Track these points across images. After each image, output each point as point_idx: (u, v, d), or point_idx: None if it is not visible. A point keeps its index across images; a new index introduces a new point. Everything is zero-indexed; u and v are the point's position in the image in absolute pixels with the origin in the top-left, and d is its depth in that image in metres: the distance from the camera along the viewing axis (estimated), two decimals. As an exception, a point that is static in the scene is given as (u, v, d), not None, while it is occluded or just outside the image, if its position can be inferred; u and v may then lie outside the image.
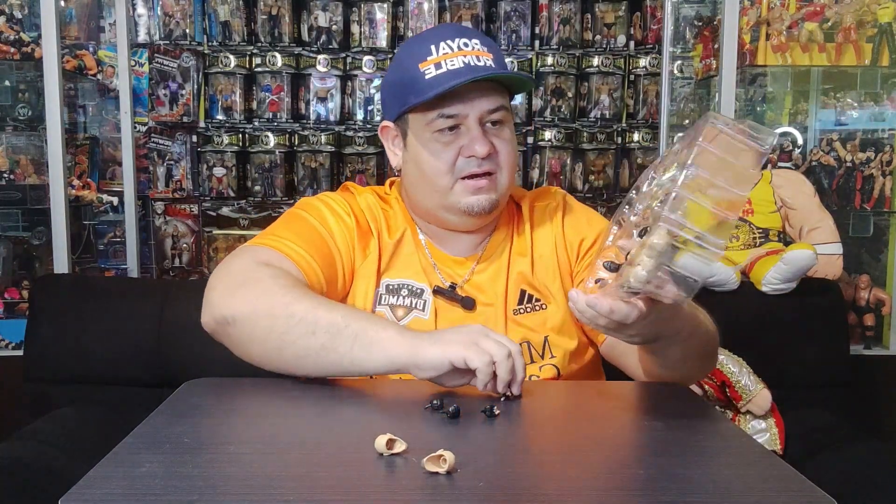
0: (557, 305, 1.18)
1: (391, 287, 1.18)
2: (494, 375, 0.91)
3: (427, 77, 1.10)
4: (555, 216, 1.23)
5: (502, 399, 0.92)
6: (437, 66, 1.10)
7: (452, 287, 1.17)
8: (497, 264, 1.20)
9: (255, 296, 1.01)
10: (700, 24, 2.58)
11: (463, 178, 1.13)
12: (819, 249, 1.86)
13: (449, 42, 1.11)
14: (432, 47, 1.11)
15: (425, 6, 2.72)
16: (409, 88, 1.12)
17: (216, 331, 1.05)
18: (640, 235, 0.80)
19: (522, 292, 1.19)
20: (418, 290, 1.17)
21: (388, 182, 1.29)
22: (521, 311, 1.17)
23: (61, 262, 2.09)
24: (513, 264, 1.20)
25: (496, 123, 1.13)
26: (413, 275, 1.18)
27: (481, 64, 1.10)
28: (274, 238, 1.13)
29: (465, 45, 1.11)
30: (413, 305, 1.17)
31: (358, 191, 1.25)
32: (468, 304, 1.16)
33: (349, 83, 2.76)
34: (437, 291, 1.16)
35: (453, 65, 1.09)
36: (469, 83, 1.08)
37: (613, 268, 0.84)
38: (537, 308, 1.18)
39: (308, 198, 1.23)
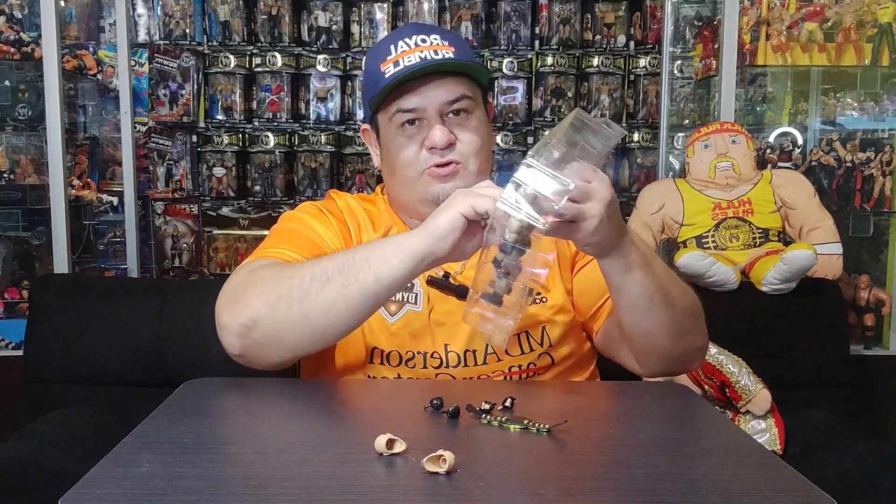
0: (556, 296, 1.18)
1: None
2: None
3: (386, 76, 1.12)
4: None
5: (506, 401, 0.92)
6: (396, 63, 1.12)
7: (446, 276, 1.15)
8: None
9: (259, 290, 1.00)
10: (700, 24, 2.58)
11: (428, 169, 1.14)
12: (819, 249, 1.86)
13: (406, 40, 1.14)
14: (392, 47, 1.14)
15: (425, 6, 2.72)
16: (373, 88, 1.14)
17: (244, 348, 1.00)
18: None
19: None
20: (408, 284, 1.15)
21: (378, 187, 1.30)
22: None
23: (61, 262, 2.09)
24: None
25: (460, 113, 1.14)
26: None
27: (438, 57, 1.12)
28: (263, 251, 1.13)
29: (423, 41, 1.13)
30: (405, 299, 1.16)
31: (338, 195, 1.27)
32: (463, 292, 1.13)
33: (349, 83, 2.76)
34: (431, 282, 1.14)
35: (409, 61, 1.11)
36: (426, 77, 1.11)
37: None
38: (537, 301, 1.17)
39: (289, 212, 1.25)
